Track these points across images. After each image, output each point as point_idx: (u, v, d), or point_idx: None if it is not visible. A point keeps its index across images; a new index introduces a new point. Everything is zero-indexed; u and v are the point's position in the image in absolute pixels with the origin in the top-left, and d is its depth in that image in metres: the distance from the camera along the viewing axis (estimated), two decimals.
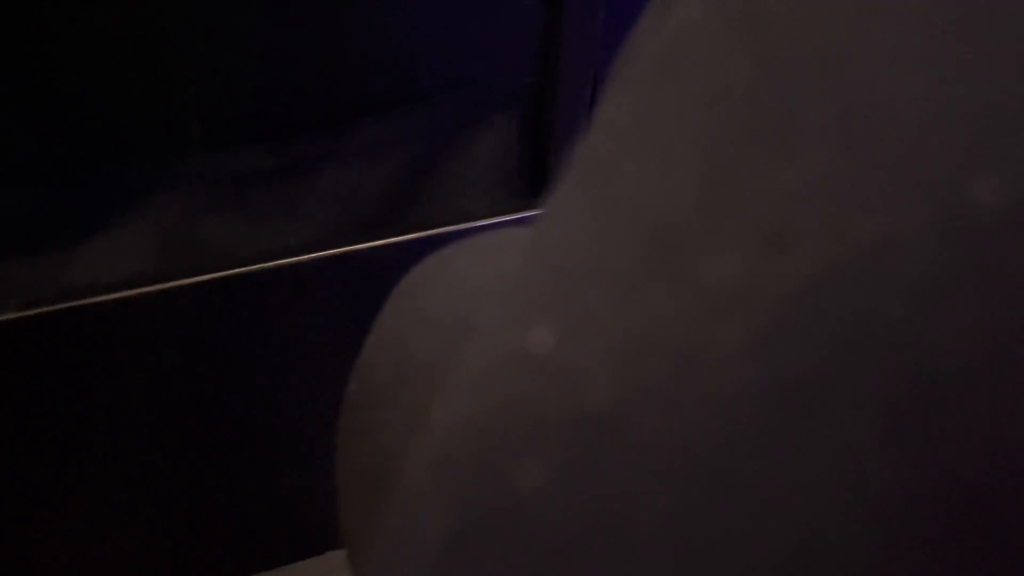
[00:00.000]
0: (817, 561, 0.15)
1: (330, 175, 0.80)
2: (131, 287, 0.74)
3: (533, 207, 0.85)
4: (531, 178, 0.86)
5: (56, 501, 0.79)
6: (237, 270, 0.76)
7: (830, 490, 0.15)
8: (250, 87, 0.75)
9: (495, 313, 0.19)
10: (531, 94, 0.82)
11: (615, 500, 0.16)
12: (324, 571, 0.89)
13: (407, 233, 0.80)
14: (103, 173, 0.74)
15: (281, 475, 0.86)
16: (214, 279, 0.76)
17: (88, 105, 0.71)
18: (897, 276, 0.15)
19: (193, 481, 0.83)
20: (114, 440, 0.79)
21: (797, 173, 0.16)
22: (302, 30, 0.73)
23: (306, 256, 0.78)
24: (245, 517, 0.87)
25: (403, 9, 0.75)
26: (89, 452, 0.78)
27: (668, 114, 0.18)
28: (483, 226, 0.82)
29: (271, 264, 0.77)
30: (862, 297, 0.15)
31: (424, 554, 0.18)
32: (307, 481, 0.86)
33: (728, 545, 0.15)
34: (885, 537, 0.15)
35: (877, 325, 0.15)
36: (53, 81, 0.70)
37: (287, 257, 0.77)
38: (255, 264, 0.77)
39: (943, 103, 0.16)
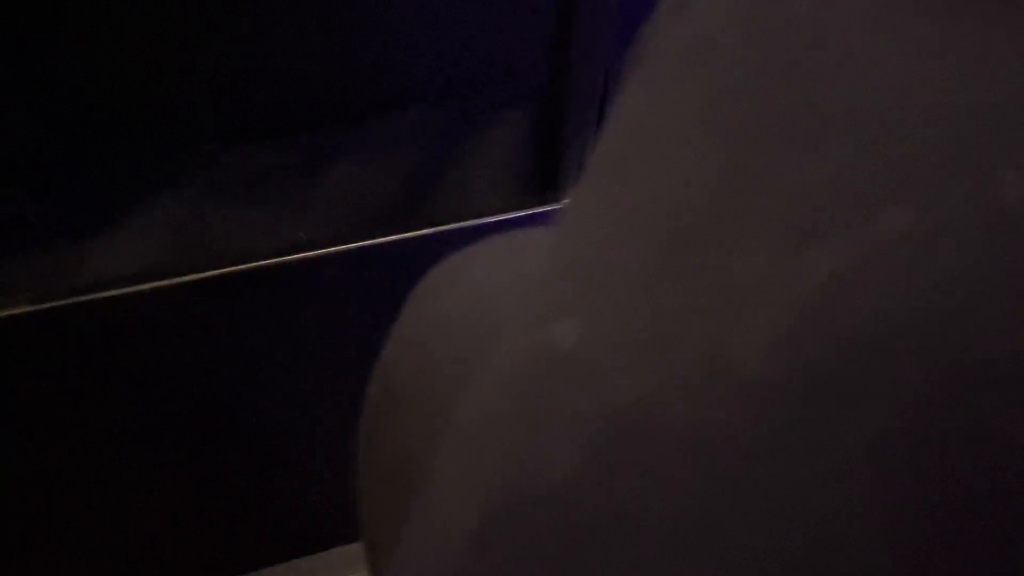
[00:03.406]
0: (843, 549, 0.15)
1: (342, 171, 0.80)
2: (142, 282, 0.74)
3: (544, 204, 0.85)
4: (542, 175, 0.86)
5: (67, 494, 0.79)
6: (249, 265, 0.76)
7: (856, 481, 0.15)
8: (262, 83, 0.75)
9: (518, 311, 0.19)
10: (543, 92, 0.82)
11: (641, 491, 0.16)
12: (337, 565, 0.89)
13: (419, 229, 0.80)
14: (114, 168, 0.74)
15: (294, 469, 0.86)
16: (225, 274, 0.76)
17: (99, 100, 0.71)
18: (922, 269, 0.15)
19: (207, 474, 0.84)
20: (125, 434, 0.79)
21: (822, 167, 0.16)
22: (314, 26, 0.73)
23: (317, 252, 0.78)
24: (259, 510, 0.87)
25: (416, 6, 0.75)
26: (100, 446, 0.78)
27: (690, 109, 0.18)
28: (494, 222, 0.82)
29: (283, 259, 0.77)
30: (887, 290, 0.15)
31: (453, 544, 0.18)
32: (321, 475, 0.86)
33: (754, 533, 0.15)
34: (910, 529, 0.15)
35: (902, 318, 0.15)
36: (63, 77, 0.70)
37: (299, 253, 0.77)
38: (267, 259, 0.77)
39: (969, 96, 0.16)
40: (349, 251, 0.78)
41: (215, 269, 0.76)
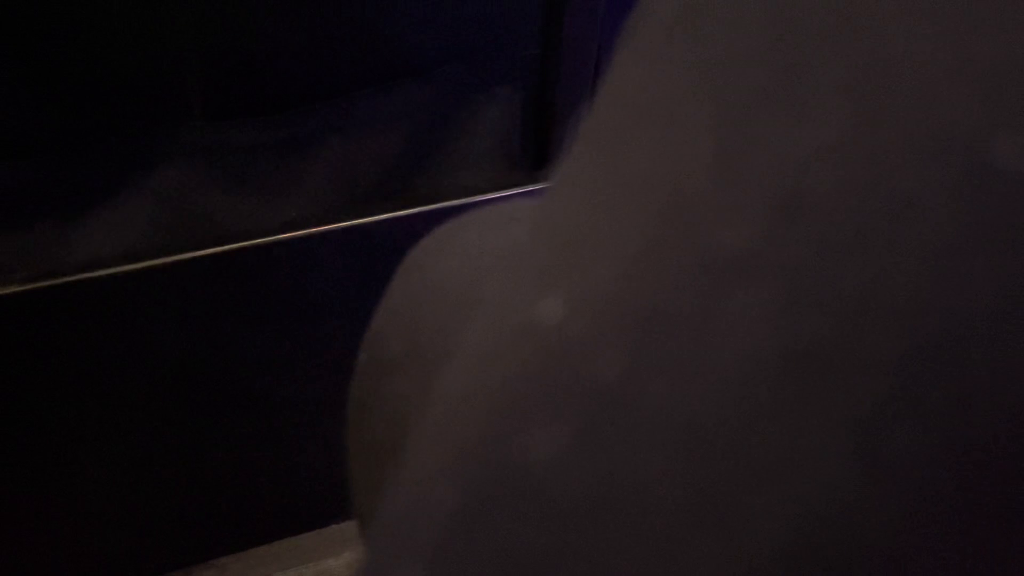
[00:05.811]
0: (830, 527, 0.15)
1: (333, 148, 0.79)
2: (133, 261, 0.74)
3: (536, 180, 0.84)
4: (534, 151, 0.86)
5: (64, 473, 0.79)
6: (242, 243, 0.76)
7: (842, 457, 0.15)
8: (252, 59, 0.74)
9: (504, 284, 0.19)
10: (534, 66, 0.82)
11: (625, 472, 0.16)
12: (332, 542, 0.89)
13: (409, 207, 0.80)
14: (105, 147, 0.74)
15: (287, 448, 0.86)
16: (216, 253, 0.76)
17: (89, 78, 0.71)
18: (912, 240, 0.15)
19: (201, 453, 0.84)
20: (117, 414, 0.79)
21: (812, 136, 0.16)
22: (304, 2, 0.73)
23: (308, 230, 0.77)
24: (255, 488, 0.87)
25: None
26: (92, 427, 0.78)
27: (678, 77, 0.18)
28: (486, 200, 0.82)
29: (274, 238, 0.77)
30: (876, 261, 0.15)
31: (434, 523, 0.18)
32: (314, 453, 0.86)
33: (740, 514, 0.15)
34: (898, 504, 0.15)
35: (890, 290, 0.15)
36: (53, 54, 0.69)
37: (289, 231, 0.77)
38: (259, 237, 0.76)
39: (962, 62, 0.16)
40: (339, 230, 0.78)
41: (205, 248, 0.76)
